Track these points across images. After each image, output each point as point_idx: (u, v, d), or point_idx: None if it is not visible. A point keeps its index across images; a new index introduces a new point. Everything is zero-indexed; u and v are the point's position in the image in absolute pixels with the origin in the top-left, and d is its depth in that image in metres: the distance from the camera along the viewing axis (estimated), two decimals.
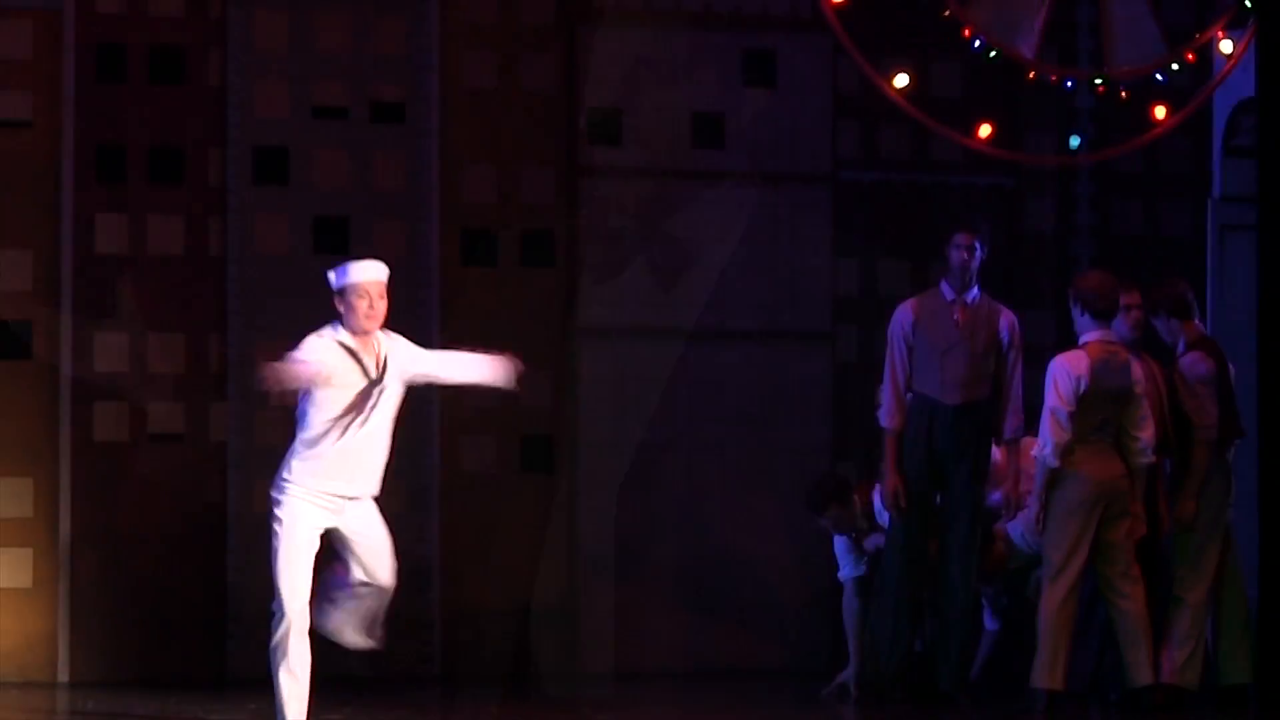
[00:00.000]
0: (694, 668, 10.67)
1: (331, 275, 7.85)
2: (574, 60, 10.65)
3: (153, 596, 10.09)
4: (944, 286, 9.53)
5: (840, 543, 9.73)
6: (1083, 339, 9.23)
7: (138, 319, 10.12)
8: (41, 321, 10.06)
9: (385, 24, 10.42)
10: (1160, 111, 10.67)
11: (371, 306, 7.78)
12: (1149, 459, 9.14)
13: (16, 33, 10.06)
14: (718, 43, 10.83)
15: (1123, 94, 10.55)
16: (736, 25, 10.87)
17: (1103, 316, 9.19)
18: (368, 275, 7.80)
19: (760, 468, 10.80)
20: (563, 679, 10.37)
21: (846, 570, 9.66)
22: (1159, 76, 10.56)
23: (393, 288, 7.94)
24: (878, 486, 9.48)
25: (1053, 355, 9.45)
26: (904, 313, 9.50)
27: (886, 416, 9.44)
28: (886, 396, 9.45)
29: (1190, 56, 10.61)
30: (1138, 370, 9.19)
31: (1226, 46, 10.67)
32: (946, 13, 10.23)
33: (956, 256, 9.45)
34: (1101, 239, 11.26)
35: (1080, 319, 9.25)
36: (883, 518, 9.51)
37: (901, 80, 10.38)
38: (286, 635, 7.63)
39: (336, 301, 7.83)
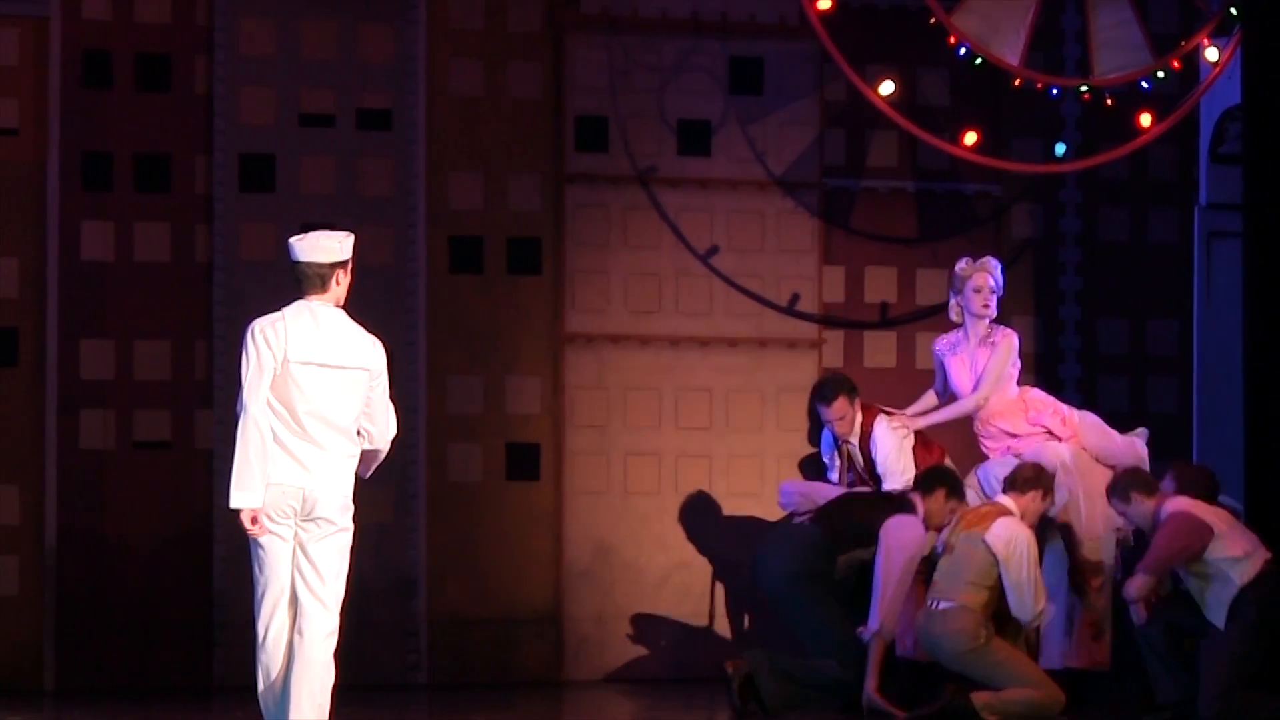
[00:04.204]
0: (679, 675, 10.67)
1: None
2: (560, 68, 10.67)
3: (139, 604, 10.07)
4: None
5: (826, 445, 9.80)
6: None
7: (124, 326, 10.12)
8: (28, 329, 10.05)
9: (372, 31, 10.43)
10: (1146, 119, 10.70)
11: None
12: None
13: (3, 40, 10.06)
14: (705, 50, 10.82)
15: (1108, 101, 10.59)
16: (724, 33, 10.87)
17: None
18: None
19: (746, 474, 10.81)
20: (548, 686, 10.37)
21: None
22: (1144, 84, 10.60)
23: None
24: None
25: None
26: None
27: None
28: None
29: (1176, 64, 10.64)
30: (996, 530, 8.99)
31: (1212, 54, 10.70)
32: (932, 20, 10.27)
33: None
34: (1088, 246, 11.26)
35: None
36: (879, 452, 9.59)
37: (887, 88, 10.41)
38: (260, 663, 7.23)
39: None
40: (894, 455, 9.72)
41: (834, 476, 9.88)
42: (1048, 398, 9.79)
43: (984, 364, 9.71)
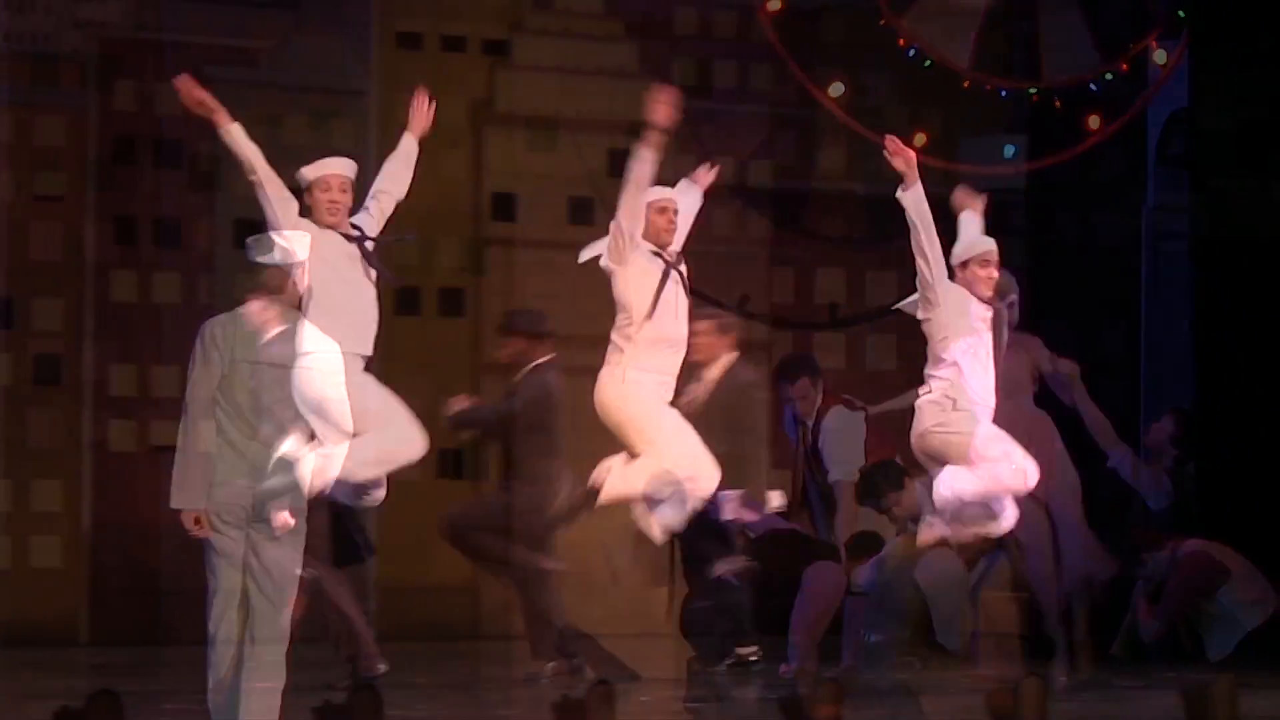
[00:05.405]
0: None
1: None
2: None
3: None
4: None
5: (789, 423, 9.80)
6: None
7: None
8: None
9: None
10: (1094, 121, 10.57)
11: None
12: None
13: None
14: (653, 51, 10.91)
15: (1057, 103, 10.50)
16: (672, 34, 11.02)
17: None
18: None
19: None
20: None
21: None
22: (1093, 86, 10.48)
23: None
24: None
25: None
26: None
27: None
28: None
29: (1124, 66, 10.52)
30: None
31: (1160, 57, 10.51)
32: (883, 22, 10.29)
33: None
34: (1037, 248, 11.06)
35: None
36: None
37: (837, 89, 10.46)
38: (210, 663, 7.11)
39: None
40: (839, 445, 9.63)
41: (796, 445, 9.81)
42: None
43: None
